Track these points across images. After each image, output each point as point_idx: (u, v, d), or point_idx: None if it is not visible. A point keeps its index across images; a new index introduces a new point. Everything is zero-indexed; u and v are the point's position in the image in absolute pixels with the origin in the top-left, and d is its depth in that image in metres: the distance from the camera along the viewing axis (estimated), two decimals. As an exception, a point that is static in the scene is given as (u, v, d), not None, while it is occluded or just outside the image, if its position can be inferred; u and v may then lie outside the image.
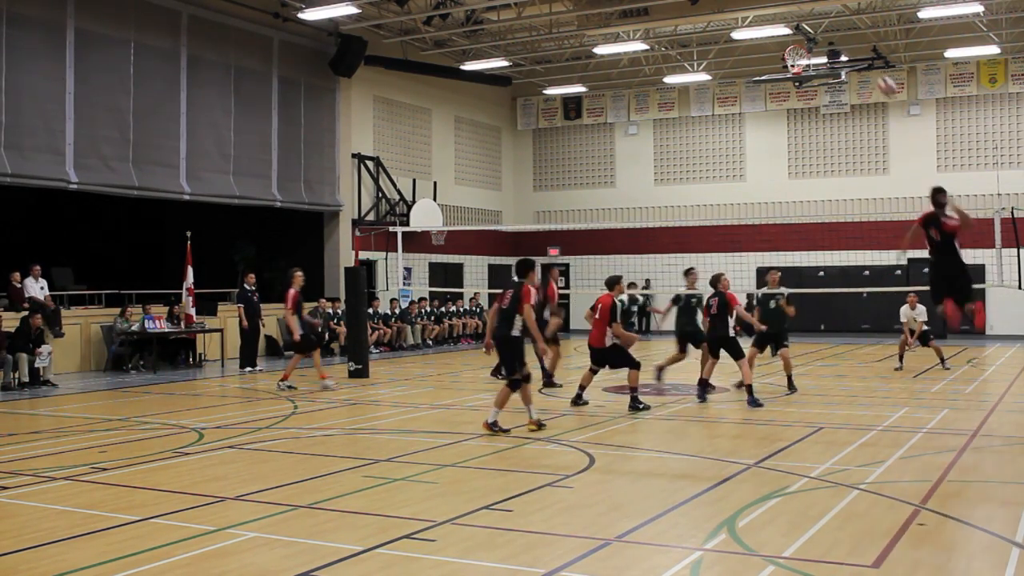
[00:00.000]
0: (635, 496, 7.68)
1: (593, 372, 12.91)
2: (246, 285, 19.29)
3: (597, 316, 12.56)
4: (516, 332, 10.78)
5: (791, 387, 14.24)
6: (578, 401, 12.98)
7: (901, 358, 17.81)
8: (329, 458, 9.43)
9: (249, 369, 18.82)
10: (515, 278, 11.14)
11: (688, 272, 15.14)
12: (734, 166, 30.32)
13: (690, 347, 14.98)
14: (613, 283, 12.86)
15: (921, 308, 18.01)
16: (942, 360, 17.72)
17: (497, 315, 10.96)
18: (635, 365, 12.42)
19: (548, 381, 15.03)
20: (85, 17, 19.23)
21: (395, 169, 27.34)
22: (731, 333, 13.12)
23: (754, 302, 15.60)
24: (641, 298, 26.35)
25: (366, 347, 17.94)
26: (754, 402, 12.60)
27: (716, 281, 13.41)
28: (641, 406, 12.40)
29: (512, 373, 10.87)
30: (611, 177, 32.03)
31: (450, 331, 26.25)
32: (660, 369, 15.20)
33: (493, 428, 10.71)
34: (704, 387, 13.57)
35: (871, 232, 26.83)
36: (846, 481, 7.99)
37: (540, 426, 10.94)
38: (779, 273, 15.09)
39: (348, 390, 15.54)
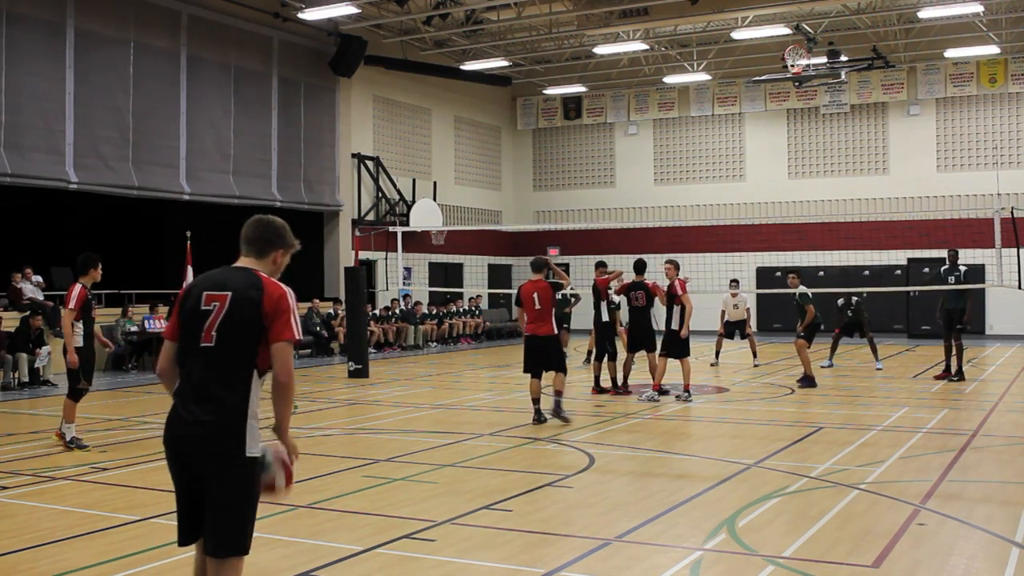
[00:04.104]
0: (635, 496, 7.67)
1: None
2: None
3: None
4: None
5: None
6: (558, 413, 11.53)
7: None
8: (329, 458, 9.43)
9: None
10: (635, 276, 13.55)
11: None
12: (734, 166, 30.32)
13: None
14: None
15: (743, 296, 19.09)
16: (754, 354, 19.10)
17: (637, 313, 13.55)
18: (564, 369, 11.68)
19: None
20: (85, 17, 19.23)
21: (395, 169, 27.34)
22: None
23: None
24: None
25: (366, 347, 17.94)
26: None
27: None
28: (564, 414, 11.48)
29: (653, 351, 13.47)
30: (611, 177, 32.03)
31: (450, 331, 26.26)
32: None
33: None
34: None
35: (871, 232, 26.84)
36: (846, 481, 7.99)
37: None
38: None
39: (348, 390, 15.54)
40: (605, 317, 13.97)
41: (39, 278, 18.54)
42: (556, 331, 11.57)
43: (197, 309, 4.01)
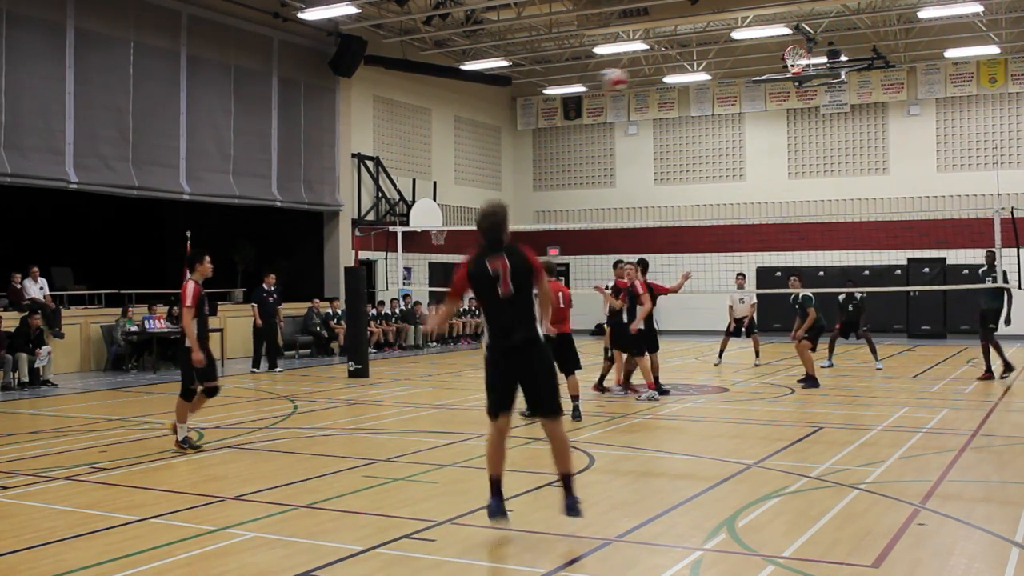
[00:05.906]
0: (635, 496, 7.67)
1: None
2: (264, 285, 19.14)
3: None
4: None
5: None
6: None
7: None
8: (329, 458, 9.43)
9: (255, 370, 18.65)
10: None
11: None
12: (734, 166, 30.32)
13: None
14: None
15: (748, 291, 19.08)
16: (757, 353, 18.97)
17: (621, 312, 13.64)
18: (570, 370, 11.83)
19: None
20: (85, 17, 19.24)
21: (395, 169, 27.34)
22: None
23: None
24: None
25: (366, 347, 17.93)
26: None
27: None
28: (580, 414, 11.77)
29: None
30: (611, 177, 32.03)
31: (450, 331, 26.25)
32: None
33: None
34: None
35: (871, 232, 26.85)
36: (846, 481, 7.98)
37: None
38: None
39: (348, 390, 15.54)
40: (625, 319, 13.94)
41: (44, 281, 18.51)
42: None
43: (486, 274, 6.18)
